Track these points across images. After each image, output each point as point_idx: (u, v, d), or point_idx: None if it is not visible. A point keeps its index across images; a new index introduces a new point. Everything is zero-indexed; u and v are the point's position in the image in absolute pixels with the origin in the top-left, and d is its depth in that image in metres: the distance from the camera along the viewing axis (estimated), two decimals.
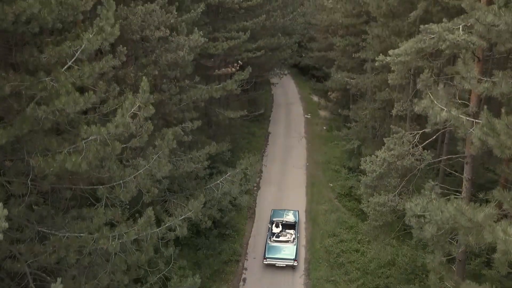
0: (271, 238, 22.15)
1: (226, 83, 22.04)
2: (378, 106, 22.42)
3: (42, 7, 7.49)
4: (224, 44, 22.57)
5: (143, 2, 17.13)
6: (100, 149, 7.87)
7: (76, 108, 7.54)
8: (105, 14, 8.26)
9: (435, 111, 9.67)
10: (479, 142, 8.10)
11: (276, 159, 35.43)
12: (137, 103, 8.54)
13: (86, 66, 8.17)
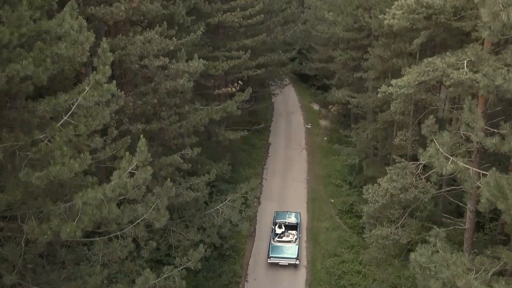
0: (274, 239, 23.58)
1: (226, 104, 21.81)
2: (379, 127, 22.19)
3: (36, 67, 7.26)
4: (224, 64, 22.33)
5: (142, 29, 16.96)
6: (96, 213, 7.67)
7: (71, 175, 7.33)
8: (102, 69, 8.03)
9: (441, 163, 9.45)
10: (487, 203, 7.90)
11: (276, 172, 35.20)
12: (134, 161, 8.34)
13: (82, 123, 7.94)
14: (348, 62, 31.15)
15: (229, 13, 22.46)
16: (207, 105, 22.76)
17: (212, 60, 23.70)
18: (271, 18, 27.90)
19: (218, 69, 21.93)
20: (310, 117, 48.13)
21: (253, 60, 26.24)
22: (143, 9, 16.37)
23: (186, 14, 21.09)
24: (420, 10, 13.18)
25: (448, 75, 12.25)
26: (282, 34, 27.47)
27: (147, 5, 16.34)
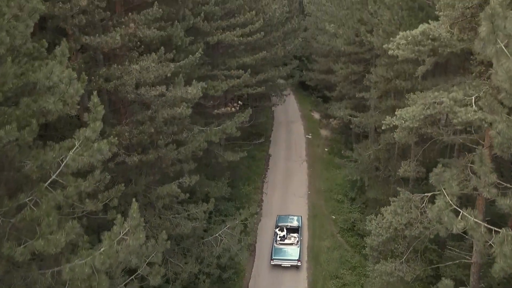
0: (277, 241, 24.86)
1: (225, 125, 21.37)
2: (382, 148, 21.71)
3: (22, 129, 6.81)
4: (224, 84, 21.86)
5: (139, 54, 16.47)
6: (85, 285, 7.21)
7: (56, 250, 6.88)
8: (92, 126, 7.57)
9: (450, 219, 9.00)
10: (501, 271, 7.45)
11: (276, 186, 34.72)
12: (126, 226, 7.89)
13: (71, 184, 7.49)
14: (350, 76, 30.65)
15: (229, 32, 21.99)
16: (206, 124, 22.33)
17: (211, 79, 23.25)
18: (271, 32, 27.41)
19: (218, 90, 21.46)
20: (310, 127, 47.62)
21: (253, 76, 25.75)
22: (139, 34, 15.91)
23: (184, 34, 20.67)
24: (426, 42, 12.70)
25: (455, 112, 11.76)
26: (282, 50, 27.00)
27: (144, 31, 15.88)
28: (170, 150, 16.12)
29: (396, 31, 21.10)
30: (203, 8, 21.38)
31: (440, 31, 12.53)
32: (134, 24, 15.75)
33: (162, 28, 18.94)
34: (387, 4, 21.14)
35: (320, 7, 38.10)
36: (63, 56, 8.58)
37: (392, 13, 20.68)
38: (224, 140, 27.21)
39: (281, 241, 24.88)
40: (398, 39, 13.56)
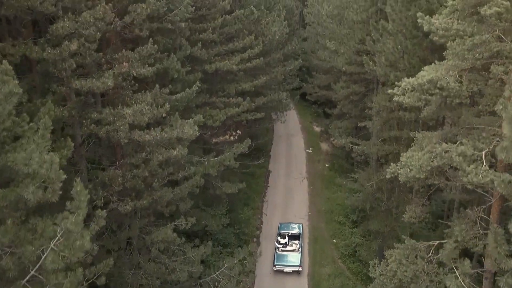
0: (279, 248, 26.13)
1: (224, 157, 20.75)
2: (385, 179, 21.06)
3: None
4: (222, 114, 21.21)
5: (133, 92, 15.82)
6: None
7: None
8: (74, 220, 6.92)
9: None
10: None
11: (276, 207, 34.04)
12: None
13: (50, 282, 6.85)
14: (351, 96, 30.02)
15: (227, 58, 21.33)
16: (204, 152, 21.66)
17: (210, 106, 22.60)
18: (271, 53, 26.76)
19: (216, 120, 20.81)
20: (310, 140, 46.88)
21: (253, 101, 25.11)
22: (133, 73, 15.25)
23: (182, 63, 20.03)
24: (433, 91, 12.06)
25: (464, 170, 11.11)
26: (282, 73, 26.36)
27: (138, 69, 15.23)
28: (166, 192, 15.48)
29: (400, 60, 20.57)
30: (200, 36, 20.73)
31: (448, 79, 11.88)
32: (128, 63, 15.11)
33: (158, 59, 18.32)
34: (390, 32, 20.50)
35: (321, 22, 37.45)
36: (45, 129, 7.92)
37: (395, 42, 20.04)
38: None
39: (283, 247, 26.20)
40: (403, 85, 12.90)
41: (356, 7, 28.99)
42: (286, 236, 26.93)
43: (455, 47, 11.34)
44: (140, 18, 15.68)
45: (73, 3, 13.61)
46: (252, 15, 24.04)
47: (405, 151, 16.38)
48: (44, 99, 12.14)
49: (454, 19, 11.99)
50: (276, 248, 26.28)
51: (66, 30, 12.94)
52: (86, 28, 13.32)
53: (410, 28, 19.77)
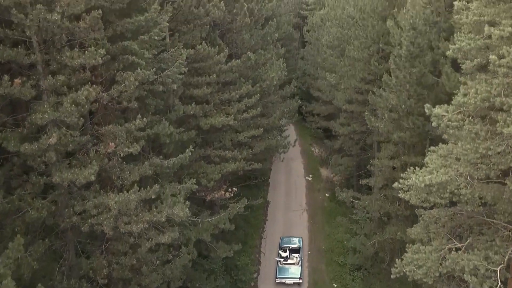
0: (281, 262, 27.83)
1: (218, 218, 19.82)
2: (387, 239, 20.18)
3: None
4: (217, 171, 20.24)
5: (120, 170, 14.86)
6: None
7: None
8: None
9: None
10: None
11: (275, 243, 32.97)
12: None
13: None
14: (351, 136, 29.07)
15: (223, 110, 20.34)
16: (197, 212, 20.70)
17: (204, 160, 21.65)
18: (269, 96, 25.80)
19: (211, 180, 19.84)
20: (310, 165, 45.87)
21: (250, 146, 24.16)
22: (120, 154, 14.30)
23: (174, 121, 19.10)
24: (443, 195, 11.10)
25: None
26: (280, 117, 25.40)
27: (125, 149, 14.26)
28: (155, 278, 14.53)
29: (403, 117, 19.59)
30: (194, 92, 19.76)
31: (459, 181, 10.91)
32: (114, 142, 14.15)
33: (150, 124, 17.38)
34: (393, 89, 19.52)
35: (320, 53, 36.47)
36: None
37: (399, 100, 19.07)
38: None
39: (284, 261, 27.91)
40: (410, 182, 11.93)
41: (357, 43, 28.07)
42: (287, 250, 28.67)
43: (467, 153, 10.38)
44: (128, 91, 14.72)
45: (53, 87, 12.67)
46: (249, 61, 23.06)
47: (410, 225, 15.45)
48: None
49: (465, 116, 11.02)
50: (278, 261, 28.03)
51: (45, 120, 12.01)
52: (68, 116, 12.37)
53: (414, 86, 18.81)
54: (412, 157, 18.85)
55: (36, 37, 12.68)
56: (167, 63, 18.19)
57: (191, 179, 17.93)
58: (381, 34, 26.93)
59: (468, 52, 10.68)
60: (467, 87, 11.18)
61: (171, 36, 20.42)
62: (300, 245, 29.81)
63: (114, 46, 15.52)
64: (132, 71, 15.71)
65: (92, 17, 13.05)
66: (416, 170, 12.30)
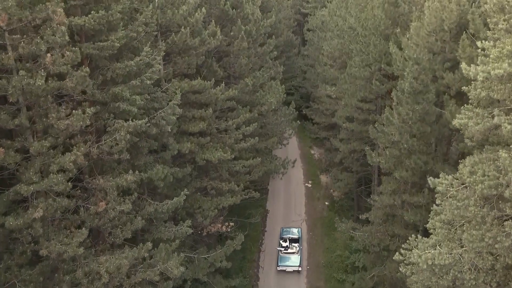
0: (281, 251, 29.98)
1: (215, 255, 19.48)
2: (387, 275, 19.83)
3: None
4: (213, 208, 19.78)
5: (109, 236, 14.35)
6: None
7: None
8: None
9: None
10: None
11: (274, 256, 32.75)
12: None
13: None
14: (351, 154, 28.53)
15: (221, 149, 19.75)
16: (192, 248, 20.32)
17: (200, 192, 21.17)
18: (267, 118, 25.19)
19: (207, 217, 19.41)
20: (310, 171, 45.23)
21: (248, 172, 23.66)
22: (111, 213, 13.80)
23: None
24: (446, 276, 10.65)
25: None
26: (278, 142, 24.84)
27: (117, 207, 13.76)
28: None
29: (405, 155, 19.02)
30: (190, 128, 19.13)
31: (463, 264, 10.44)
32: (105, 201, 13.64)
33: (142, 166, 16.85)
34: (395, 125, 18.88)
35: (320, 64, 35.58)
36: None
37: (401, 138, 18.46)
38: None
39: (285, 250, 30.03)
40: (412, 259, 11.46)
41: (358, 61, 27.26)
42: (287, 240, 30.72)
43: (472, 239, 9.89)
44: (120, 144, 14.14)
45: (39, 151, 12.08)
46: (246, 87, 22.38)
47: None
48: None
49: (472, 194, 10.47)
50: (279, 251, 30.09)
51: (30, 192, 11.49)
52: (55, 185, 11.84)
53: (417, 124, 18.16)
54: (413, 197, 18.37)
55: (21, 100, 12.07)
56: (160, 102, 17.54)
57: (186, 221, 17.53)
58: (383, 53, 26.10)
59: (475, 132, 10.09)
60: (473, 163, 10.62)
61: (165, 65, 19.71)
62: (300, 235, 32.04)
63: (104, 93, 14.87)
64: (124, 118, 15.13)
65: (79, 76, 12.38)
66: (418, 240, 11.81)
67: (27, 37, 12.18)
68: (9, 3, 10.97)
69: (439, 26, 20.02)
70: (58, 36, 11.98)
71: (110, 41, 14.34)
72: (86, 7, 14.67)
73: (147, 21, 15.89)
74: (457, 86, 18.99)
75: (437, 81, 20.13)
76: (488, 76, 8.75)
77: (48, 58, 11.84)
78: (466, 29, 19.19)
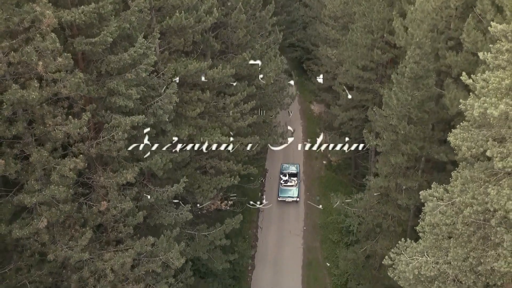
0: (282, 184, 33.78)
1: (214, 233, 20.34)
2: (379, 247, 20.72)
3: None
4: (212, 188, 20.25)
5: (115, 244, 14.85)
6: None
7: None
8: None
9: None
10: None
11: (273, 221, 33.54)
12: None
13: None
14: (350, 121, 28.61)
15: (219, 133, 19.85)
16: (192, 224, 20.95)
17: (199, 170, 21.57)
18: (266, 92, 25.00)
19: (207, 196, 19.96)
20: (309, 128, 44.88)
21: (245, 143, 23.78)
22: (112, 212, 14.21)
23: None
24: (430, 285, 11.26)
25: None
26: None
27: (118, 205, 14.14)
28: None
29: (402, 140, 19.13)
30: (187, 113, 19.06)
31: (447, 276, 11.03)
32: (105, 200, 14.04)
33: (142, 154, 17.06)
34: (394, 110, 18.77)
35: (322, 24, 34.33)
36: None
37: (399, 123, 18.48)
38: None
39: (285, 183, 33.76)
40: (400, 268, 12.02)
41: (360, 27, 26.45)
42: (287, 175, 34.37)
43: (457, 257, 10.34)
44: (118, 144, 14.26)
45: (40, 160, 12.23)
46: (244, 61, 21.96)
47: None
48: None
49: (460, 211, 10.78)
50: (280, 183, 33.83)
51: (33, 203, 11.81)
52: (57, 194, 12.13)
53: (415, 111, 18.07)
54: (408, 181, 18.76)
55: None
56: (157, 89, 17.33)
57: (186, 206, 18.10)
58: (386, 20, 25.23)
59: (468, 155, 10.15)
60: (464, 180, 10.81)
61: (161, 43, 19.16)
62: (298, 170, 35.66)
63: (99, 89, 14.70)
64: (120, 112, 15.11)
65: (74, 83, 12.19)
66: (407, 244, 12.32)
67: (16, 43, 11.84)
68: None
69: (445, 3, 19.21)
70: (49, 43, 11.63)
71: (103, 35, 13.90)
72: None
73: (140, 8, 15.26)
74: (459, 69, 18.67)
75: (439, 60, 19.69)
76: (484, 113, 8.69)
77: (40, 67, 11.61)
78: (473, 7, 18.46)
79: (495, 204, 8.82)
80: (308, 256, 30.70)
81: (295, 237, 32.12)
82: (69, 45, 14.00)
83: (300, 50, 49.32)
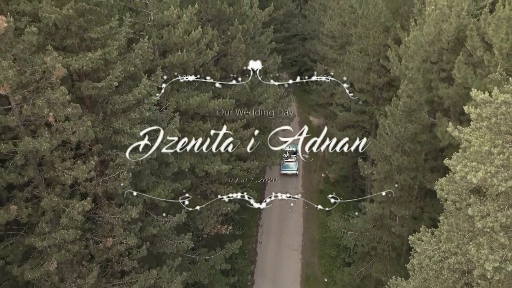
0: (283, 160, 37.72)
1: (215, 257, 20.97)
2: (374, 271, 21.44)
3: None
4: (212, 215, 20.94)
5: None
6: None
7: None
8: None
9: None
10: None
11: (272, 232, 34.34)
12: None
13: None
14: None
15: (219, 161, 20.53)
16: (194, 249, 21.62)
17: (200, 195, 22.26)
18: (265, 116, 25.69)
19: (207, 223, 20.64)
20: (308, 139, 45.54)
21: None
22: (118, 248, 14.92)
23: None
24: None
25: None
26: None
27: (124, 241, 14.85)
28: None
29: (395, 171, 19.77)
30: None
31: None
32: (111, 236, 14.76)
33: (145, 186, 17.75)
34: (387, 141, 19.47)
35: (320, 43, 35.03)
36: None
37: (393, 156, 19.18)
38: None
39: (286, 159, 38.24)
40: None
41: (356, 50, 27.13)
42: (288, 152, 38.15)
43: None
44: (124, 184, 14.97)
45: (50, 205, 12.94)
46: (244, 90, 22.67)
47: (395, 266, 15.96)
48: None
49: (447, 255, 11.48)
50: (282, 160, 37.16)
51: (43, 246, 12.51)
52: (66, 237, 12.84)
53: (408, 144, 18.78)
54: (401, 209, 19.46)
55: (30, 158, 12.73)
56: (160, 123, 18.02)
57: (187, 234, 18.80)
58: (382, 46, 25.91)
59: (454, 210, 10.85)
60: (450, 227, 11.51)
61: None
62: (296, 148, 38.39)
63: (105, 128, 15.40)
64: (124, 151, 15.80)
65: (82, 131, 12.90)
66: (398, 282, 13.03)
67: (28, 93, 12.55)
68: (10, 73, 11.23)
69: (437, 36, 19.89)
70: (59, 95, 12.34)
71: (108, 79, 14.61)
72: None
73: (144, 51, 15.97)
74: (450, 101, 19.36)
75: (431, 90, 20.37)
76: (464, 177, 9.36)
77: (51, 117, 12.31)
78: (464, 42, 19.13)
79: (475, 262, 9.50)
80: (306, 271, 31.36)
81: (293, 252, 32.79)
82: (77, 90, 14.72)
83: (300, 62, 50.10)
